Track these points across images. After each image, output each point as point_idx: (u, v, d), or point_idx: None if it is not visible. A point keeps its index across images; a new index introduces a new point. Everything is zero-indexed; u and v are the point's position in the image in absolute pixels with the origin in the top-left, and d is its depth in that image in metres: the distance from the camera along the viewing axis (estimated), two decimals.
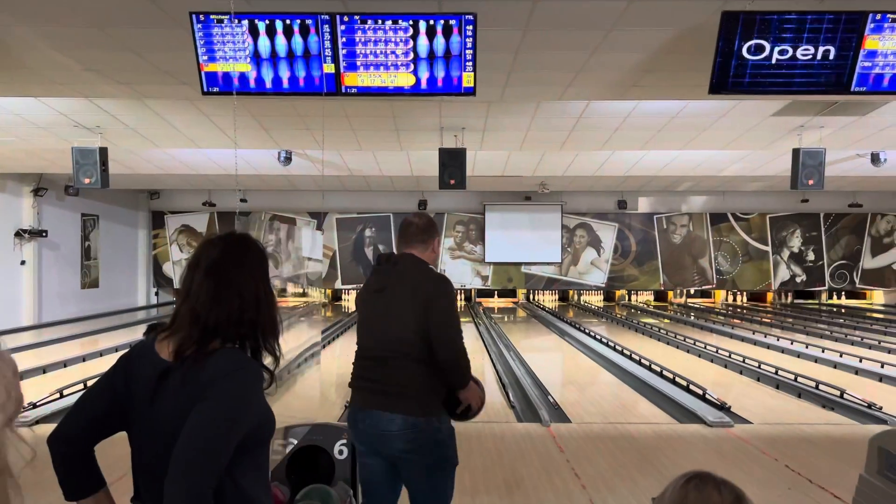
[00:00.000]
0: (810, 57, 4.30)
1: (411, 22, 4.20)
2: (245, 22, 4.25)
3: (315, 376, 9.09)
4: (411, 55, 4.29)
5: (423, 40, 4.24)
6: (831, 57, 4.30)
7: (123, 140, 9.06)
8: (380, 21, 4.21)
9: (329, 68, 4.36)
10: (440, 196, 16.96)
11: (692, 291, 19.44)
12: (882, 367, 8.60)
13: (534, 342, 12.35)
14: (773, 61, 4.32)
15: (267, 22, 4.25)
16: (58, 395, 6.67)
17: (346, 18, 4.21)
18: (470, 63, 4.30)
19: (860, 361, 9.04)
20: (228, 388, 1.54)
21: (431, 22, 4.18)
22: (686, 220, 18.23)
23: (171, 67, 5.57)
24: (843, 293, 19.01)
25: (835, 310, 17.56)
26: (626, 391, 7.79)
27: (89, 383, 2.85)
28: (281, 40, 4.32)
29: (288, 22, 4.26)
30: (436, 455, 2.66)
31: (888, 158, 10.14)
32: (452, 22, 4.18)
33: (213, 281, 1.65)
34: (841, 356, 9.46)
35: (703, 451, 5.40)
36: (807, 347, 10.47)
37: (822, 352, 10.00)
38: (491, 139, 9.06)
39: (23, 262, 13.25)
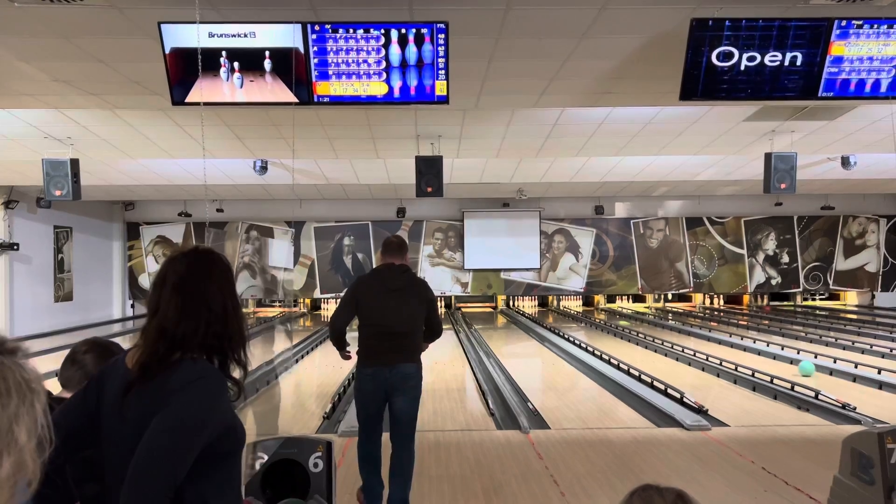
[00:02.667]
0: (778, 63, 4.36)
1: (383, 30, 4.19)
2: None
3: (291, 387, 9.01)
4: (383, 64, 4.28)
5: (395, 49, 4.23)
6: (799, 63, 4.36)
7: (95, 151, 8.94)
8: (351, 30, 4.20)
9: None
10: (419, 204, 16.96)
11: (670, 296, 19.60)
12: (856, 367, 8.71)
13: (514, 348, 12.35)
14: (742, 68, 4.38)
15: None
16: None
17: (317, 27, 4.20)
18: (443, 71, 4.30)
19: (834, 362, 9.15)
20: (188, 398, 1.54)
21: (403, 30, 4.18)
22: (662, 224, 18.39)
23: (140, 77, 5.51)
24: (818, 295, 19.28)
25: (809, 311, 17.80)
26: (605, 396, 7.81)
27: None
28: None
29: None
30: (420, 384, 4.19)
31: (858, 161, 10.32)
32: (424, 30, 4.18)
33: (180, 296, 1.65)
34: (816, 357, 9.57)
35: (680, 454, 5.42)
36: (783, 349, 10.59)
37: (798, 353, 10.11)
38: (467, 147, 9.08)
39: None
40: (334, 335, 4.16)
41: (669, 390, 7.53)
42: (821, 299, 19.34)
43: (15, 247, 13.29)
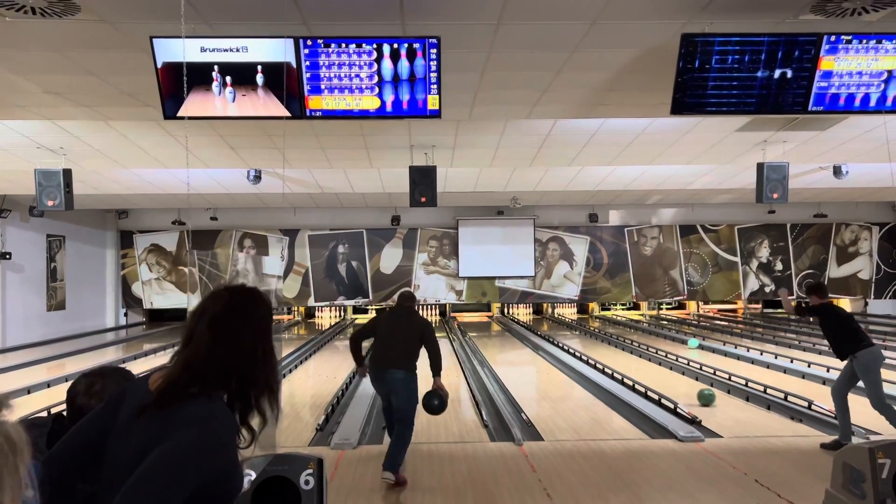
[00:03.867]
0: (768, 78, 4.38)
1: (375, 45, 4.20)
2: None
3: (284, 397, 8.98)
4: (376, 78, 4.28)
5: (387, 63, 4.24)
6: (788, 78, 4.38)
7: (88, 161, 8.93)
8: (343, 45, 4.21)
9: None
10: (413, 211, 16.88)
11: (663, 306, 19.63)
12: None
13: (508, 357, 12.35)
14: (733, 82, 4.40)
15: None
16: (38, 419, 6.47)
17: (309, 42, 4.20)
18: (434, 86, 4.31)
19: (827, 371, 9.16)
20: (192, 435, 1.51)
21: (395, 45, 4.19)
22: (656, 232, 18.44)
23: (133, 90, 5.51)
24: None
25: (803, 319, 17.82)
26: (599, 406, 7.81)
27: (53, 410, 2.79)
28: None
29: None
30: (413, 387, 5.23)
31: (849, 171, 10.37)
32: (416, 45, 4.19)
33: (213, 334, 1.64)
34: (809, 366, 9.60)
35: (673, 466, 5.42)
36: (776, 358, 10.61)
37: (791, 362, 10.14)
38: (461, 156, 9.10)
39: None
40: (350, 345, 5.71)
41: (663, 400, 7.53)
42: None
43: (7, 256, 13.24)
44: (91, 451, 1.65)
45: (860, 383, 5.80)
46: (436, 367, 5.30)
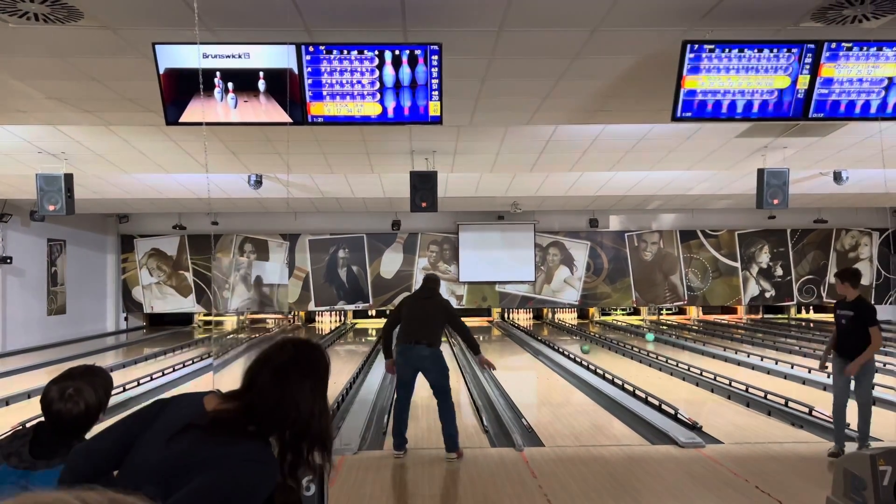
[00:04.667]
0: (769, 85, 4.39)
1: (377, 52, 4.21)
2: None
3: None
4: (377, 84, 4.29)
5: (388, 70, 4.25)
6: (789, 85, 4.39)
7: (90, 166, 8.94)
8: (345, 51, 4.22)
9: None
10: (413, 216, 16.88)
11: (663, 312, 19.62)
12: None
13: (508, 362, 12.33)
14: (734, 88, 4.41)
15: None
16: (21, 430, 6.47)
17: (311, 48, 4.22)
18: (436, 92, 4.32)
19: (828, 377, 9.12)
20: (239, 472, 1.55)
21: (397, 52, 4.20)
22: (657, 237, 18.45)
23: (135, 95, 5.52)
24: (812, 307, 19.34)
25: (803, 324, 17.84)
26: (600, 411, 7.81)
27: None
28: None
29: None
30: (442, 362, 5.81)
31: (850, 176, 10.38)
32: (418, 52, 4.20)
33: (276, 386, 1.69)
34: (809, 372, 9.58)
35: (674, 472, 5.42)
36: (776, 363, 10.60)
37: (792, 367, 10.13)
38: (462, 162, 9.11)
39: None
40: (382, 335, 6.24)
41: (664, 406, 7.52)
42: (815, 312, 19.38)
43: (8, 260, 13.25)
44: (125, 448, 1.68)
45: (854, 386, 5.82)
46: (473, 346, 5.93)
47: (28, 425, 2.39)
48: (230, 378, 2.18)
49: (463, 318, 6.04)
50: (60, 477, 1.69)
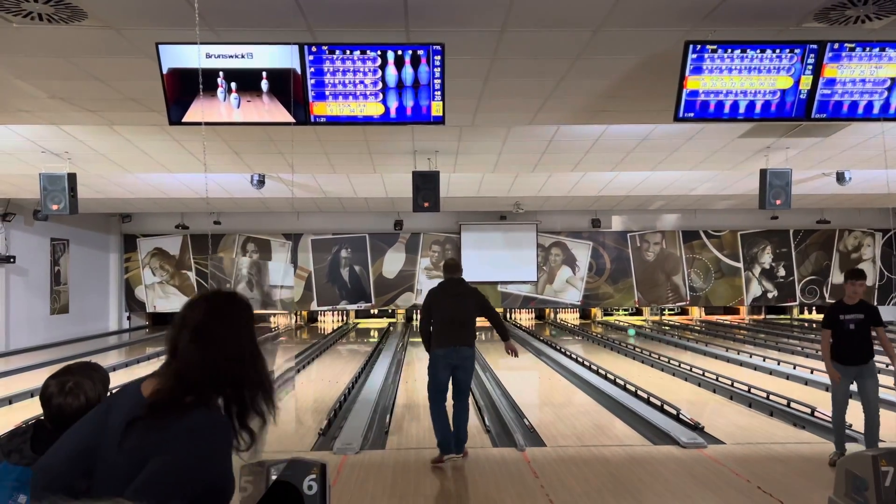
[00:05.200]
0: (772, 85, 4.39)
1: (379, 52, 4.22)
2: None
3: (287, 401, 8.98)
4: (380, 85, 4.30)
5: (391, 70, 4.26)
6: (792, 85, 4.39)
7: (93, 166, 8.96)
8: (348, 51, 4.23)
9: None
10: (416, 216, 16.93)
11: (666, 312, 19.61)
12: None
13: (510, 362, 12.18)
14: (736, 89, 4.41)
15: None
16: (20, 427, 6.48)
17: (314, 49, 4.22)
18: (438, 92, 4.32)
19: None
20: (190, 446, 1.53)
21: (399, 52, 4.21)
22: (659, 237, 18.43)
23: (138, 95, 5.54)
24: (814, 308, 19.30)
25: (806, 325, 17.81)
26: (602, 412, 7.81)
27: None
28: None
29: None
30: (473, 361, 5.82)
31: (853, 177, 10.37)
32: (420, 52, 4.20)
33: (198, 342, 1.65)
34: (812, 372, 9.57)
35: (676, 473, 5.42)
36: (779, 364, 10.58)
37: (794, 368, 10.11)
38: (464, 162, 9.11)
39: None
40: (422, 336, 5.98)
41: (666, 406, 7.52)
42: (817, 312, 19.34)
43: (11, 259, 13.28)
44: (86, 453, 1.65)
45: (856, 387, 5.81)
46: (504, 333, 6.00)
47: (25, 423, 2.39)
48: None
49: None
50: (32, 494, 1.67)
